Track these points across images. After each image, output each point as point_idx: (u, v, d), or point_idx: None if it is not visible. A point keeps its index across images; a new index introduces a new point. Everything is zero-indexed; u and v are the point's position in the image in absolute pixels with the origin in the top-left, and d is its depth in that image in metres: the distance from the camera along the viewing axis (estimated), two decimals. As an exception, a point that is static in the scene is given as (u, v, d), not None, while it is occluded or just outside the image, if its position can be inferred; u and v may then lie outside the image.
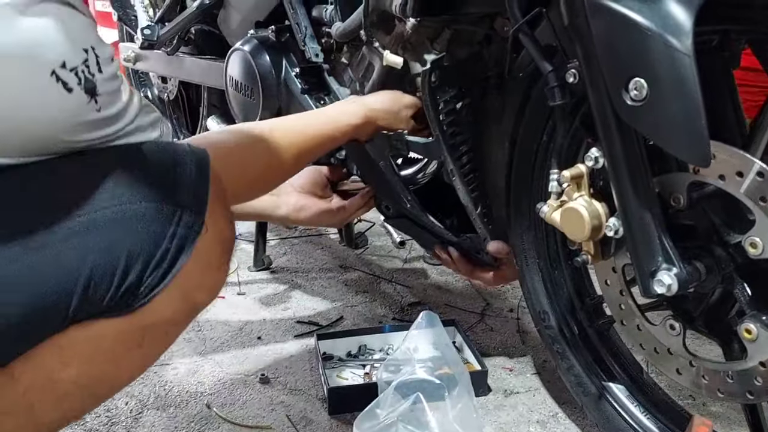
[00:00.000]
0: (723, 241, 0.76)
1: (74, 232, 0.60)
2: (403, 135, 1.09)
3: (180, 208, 0.64)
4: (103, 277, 0.60)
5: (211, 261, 0.67)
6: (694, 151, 0.65)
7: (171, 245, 0.63)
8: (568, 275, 1.05)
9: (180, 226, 0.63)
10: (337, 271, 1.79)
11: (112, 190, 0.62)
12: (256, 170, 0.87)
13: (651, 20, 0.66)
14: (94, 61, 0.62)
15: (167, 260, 0.63)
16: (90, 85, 0.61)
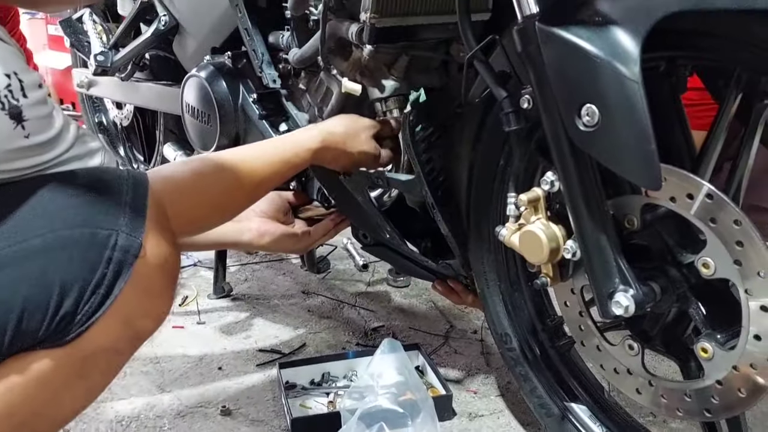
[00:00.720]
0: (677, 261, 0.78)
1: (4, 262, 0.58)
2: (383, 172, 1.10)
3: (115, 232, 0.62)
4: (37, 307, 0.58)
5: (151, 286, 0.65)
6: (646, 174, 0.67)
7: (107, 270, 0.61)
8: (528, 297, 1.05)
9: (116, 251, 0.62)
10: (299, 297, 1.78)
11: (45, 217, 0.61)
12: (212, 197, 0.86)
13: (600, 48, 0.67)
14: (17, 86, 0.60)
15: (104, 286, 0.61)
16: (15, 111, 0.60)
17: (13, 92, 0.60)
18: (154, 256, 0.65)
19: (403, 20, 1.00)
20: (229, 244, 1.22)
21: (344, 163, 1.08)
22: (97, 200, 0.63)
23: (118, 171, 0.68)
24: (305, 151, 1.00)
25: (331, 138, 1.03)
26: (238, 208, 0.94)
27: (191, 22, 1.40)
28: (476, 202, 1.04)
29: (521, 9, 0.76)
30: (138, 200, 0.66)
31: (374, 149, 1.08)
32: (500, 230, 0.89)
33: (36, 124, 0.62)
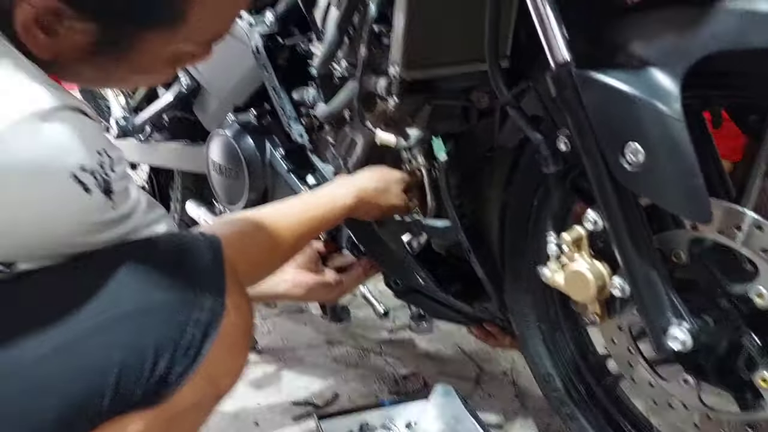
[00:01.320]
0: (727, 293, 0.79)
1: (100, 329, 0.60)
2: (419, 220, 1.11)
3: (201, 294, 0.65)
4: (133, 371, 0.60)
5: (234, 343, 0.68)
6: (695, 208, 0.68)
7: (196, 331, 0.64)
8: (569, 336, 1.06)
9: (203, 312, 0.64)
10: (324, 347, 1.77)
11: (133, 284, 0.63)
12: (259, 255, 0.88)
13: (640, 89, 0.69)
14: (107, 162, 0.63)
15: (194, 347, 0.63)
16: (106, 185, 0.62)
17: (104, 168, 0.62)
18: (237, 315, 0.67)
19: (429, 72, 1.03)
20: (264, 297, 1.23)
21: (376, 214, 1.11)
22: (182, 265, 0.66)
23: (193, 235, 0.71)
24: (340, 207, 1.04)
25: (365, 193, 1.06)
26: (278, 265, 0.96)
27: (214, 83, 1.43)
28: (511, 243, 1.05)
29: (554, 56, 0.78)
30: (217, 262, 0.68)
31: (404, 200, 1.10)
32: (542, 270, 0.90)
33: (121, 197, 0.65)
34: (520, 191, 1.01)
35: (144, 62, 0.70)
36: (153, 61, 0.71)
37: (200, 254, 0.68)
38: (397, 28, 0.97)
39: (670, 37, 0.69)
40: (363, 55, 0.94)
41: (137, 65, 0.70)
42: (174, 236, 0.70)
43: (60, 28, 0.63)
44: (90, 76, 0.72)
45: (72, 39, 0.64)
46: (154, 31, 0.67)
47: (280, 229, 0.93)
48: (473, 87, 1.12)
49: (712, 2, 0.66)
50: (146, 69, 0.72)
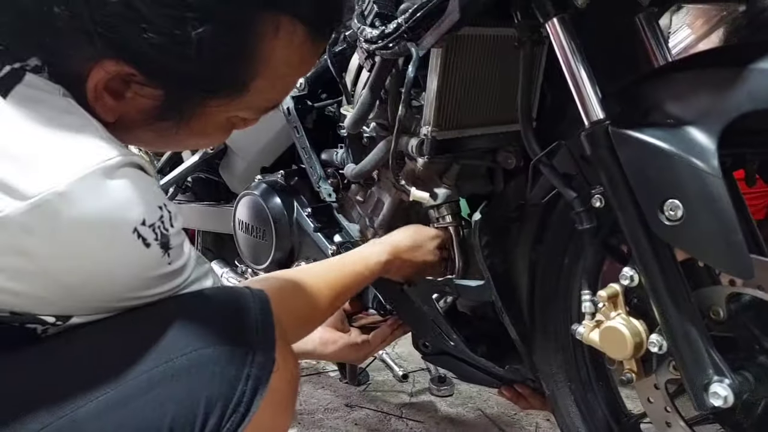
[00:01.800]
0: (766, 349, 0.78)
1: (153, 383, 0.60)
2: (451, 280, 1.12)
3: (252, 349, 0.65)
4: (184, 426, 0.60)
5: (282, 400, 0.67)
6: (736, 264, 0.69)
7: (246, 387, 0.63)
8: (601, 397, 1.04)
9: (254, 367, 0.64)
10: (343, 410, 1.75)
11: (184, 338, 0.63)
12: (301, 312, 0.89)
13: (678, 147, 0.71)
14: (167, 217, 0.64)
15: (244, 403, 0.63)
16: (165, 240, 0.63)
17: (164, 223, 0.64)
18: (286, 371, 0.67)
19: (460, 132, 1.06)
20: None
21: (408, 273, 1.12)
22: (231, 318, 0.67)
23: (241, 290, 0.72)
24: (375, 264, 1.05)
25: (399, 250, 1.08)
26: (319, 322, 0.97)
27: (242, 145, 1.47)
28: (541, 302, 1.05)
29: (588, 116, 0.81)
30: (266, 317, 0.68)
31: (438, 257, 1.11)
32: (577, 328, 0.90)
33: (176, 251, 0.66)
34: (550, 249, 1.02)
35: (201, 127, 0.72)
36: (210, 126, 0.73)
37: (249, 308, 0.68)
38: (430, 91, 1.00)
39: (705, 96, 0.71)
40: (400, 114, 0.97)
41: (195, 130, 0.72)
42: (223, 290, 0.71)
43: (128, 93, 0.66)
44: (148, 139, 0.74)
45: (138, 103, 0.67)
46: (217, 99, 0.69)
47: (318, 288, 0.94)
48: (500, 148, 1.15)
49: (746, 63, 0.68)
50: (202, 133, 0.74)
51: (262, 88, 0.70)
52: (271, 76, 0.70)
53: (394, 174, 1.02)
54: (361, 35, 0.99)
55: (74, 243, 0.58)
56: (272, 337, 0.67)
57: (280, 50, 0.69)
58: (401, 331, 1.27)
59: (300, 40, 0.70)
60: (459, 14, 0.84)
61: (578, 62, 0.82)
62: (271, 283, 0.88)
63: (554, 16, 0.82)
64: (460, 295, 1.12)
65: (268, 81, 0.70)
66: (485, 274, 1.05)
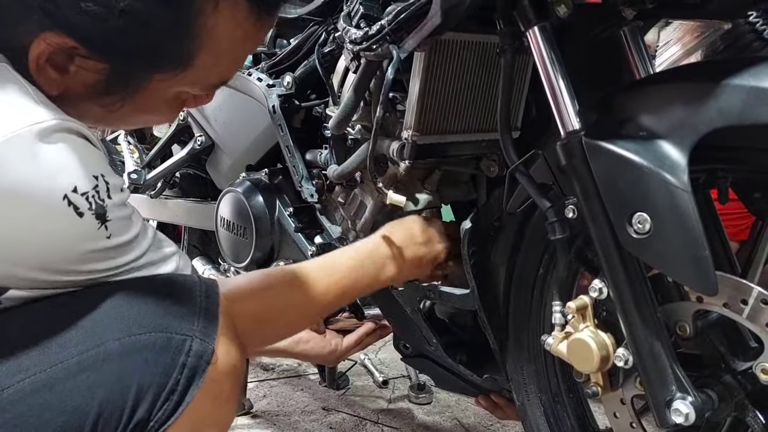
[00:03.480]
0: (731, 368, 0.78)
1: (83, 367, 0.59)
2: (436, 286, 1.11)
3: (189, 338, 0.63)
4: (113, 413, 0.58)
5: (221, 392, 0.65)
6: (702, 280, 0.69)
7: (181, 376, 0.61)
8: (570, 409, 1.04)
9: (190, 356, 0.62)
10: (319, 414, 1.74)
11: (120, 322, 0.62)
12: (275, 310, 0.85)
13: (649, 160, 0.71)
14: (104, 188, 0.63)
15: (177, 392, 0.61)
16: (101, 211, 0.62)
17: (100, 193, 0.62)
18: (225, 363, 0.65)
19: (441, 138, 1.06)
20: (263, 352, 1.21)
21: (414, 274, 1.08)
22: (171, 305, 0.65)
23: (190, 277, 0.70)
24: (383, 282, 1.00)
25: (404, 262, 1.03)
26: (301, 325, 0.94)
27: (228, 142, 1.46)
28: (515, 311, 1.05)
29: (564, 126, 0.81)
30: (211, 306, 0.67)
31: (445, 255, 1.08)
32: (546, 339, 0.89)
33: (118, 226, 0.64)
34: (525, 258, 1.01)
35: (148, 103, 0.72)
36: (157, 102, 0.73)
37: (193, 297, 0.66)
38: (412, 95, 1.00)
39: (678, 110, 0.71)
40: (378, 116, 0.96)
41: (141, 105, 0.72)
42: (170, 277, 0.69)
43: (71, 66, 0.66)
44: (96, 115, 0.73)
45: (83, 77, 0.67)
46: (162, 73, 0.70)
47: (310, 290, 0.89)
48: (483, 155, 1.14)
49: (719, 79, 0.68)
50: (149, 109, 0.74)
51: (207, 63, 0.71)
52: (215, 50, 0.71)
53: (372, 176, 1.02)
54: (346, 36, 0.98)
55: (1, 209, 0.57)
56: (214, 327, 0.65)
57: (223, 25, 0.70)
58: (376, 336, 1.27)
59: (243, 15, 0.71)
60: (441, 18, 0.83)
61: (557, 72, 0.82)
62: (240, 280, 0.87)
63: (535, 25, 0.82)
64: (443, 301, 1.11)
65: (212, 56, 0.71)
66: (471, 283, 1.04)
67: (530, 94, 1.10)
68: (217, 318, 0.66)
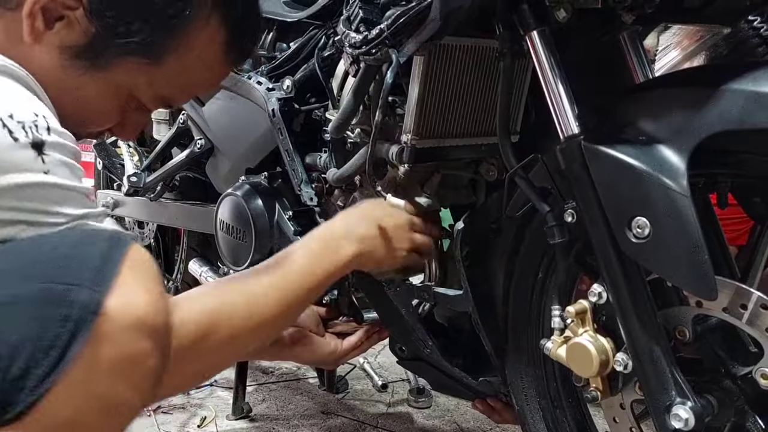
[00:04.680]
0: (731, 373, 0.78)
1: None
2: (430, 287, 1.11)
3: (76, 287, 0.55)
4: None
5: (121, 346, 0.57)
6: (701, 285, 0.69)
7: (62, 330, 0.54)
8: (569, 414, 1.04)
9: (74, 308, 0.54)
10: (319, 418, 1.73)
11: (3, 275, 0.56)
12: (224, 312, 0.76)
13: (648, 164, 0.71)
14: (44, 124, 0.62)
15: (57, 347, 0.54)
16: (38, 141, 0.60)
17: (38, 127, 0.61)
18: (124, 315, 0.56)
19: (440, 142, 1.06)
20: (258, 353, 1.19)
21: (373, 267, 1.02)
22: (65, 257, 0.57)
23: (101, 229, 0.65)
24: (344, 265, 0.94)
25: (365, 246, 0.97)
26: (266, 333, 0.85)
27: (227, 145, 1.46)
28: (514, 315, 1.05)
29: (564, 130, 0.81)
30: (113, 254, 0.58)
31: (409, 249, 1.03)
32: (545, 343, 0.89)
33: (56, 163, 0.62)
34: (525, 262, 1.01)
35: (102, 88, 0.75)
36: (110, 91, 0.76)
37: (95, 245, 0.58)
38: (411, 99, 1.00)
39: (677, 115, 0.71)
40: (378, 120, 0.96)
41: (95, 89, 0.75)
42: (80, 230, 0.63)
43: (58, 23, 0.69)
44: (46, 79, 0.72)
45: (62, 35, 0.70)
46: (132, 58, 0.74)
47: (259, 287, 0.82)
48: (482, 159, 1.14)
49: (719, 84, 0.68)
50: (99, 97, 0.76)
51: (172, 69, 0.76)
52: (184, 60, 0.76)
53: (371, 180, 1.02)
54: (346, 40, 0.99)
55: None
56: (110, 274, 0.56)
57: (202, 40, 0.76)
58: (375, 339, 1.26)
59: (220, 41, 0.78)
60: (440, 22, 0.84)
61: (556, 76, 0.82)
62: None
63: (534, 29, 0.82)
64: (438, 303, 1.11)
65: (179, 63, 0.76)
66: (464, 284, 1.04)
67: (530, 99, 1.10)
68: (117, 265, 0.57)
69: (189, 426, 1.65)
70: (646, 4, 0.79)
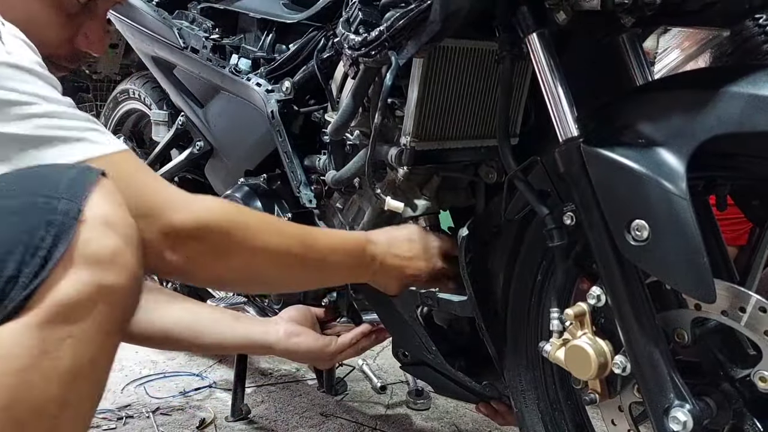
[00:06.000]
0: (729, 376, 0.78)
1: None
2: (434, 292, 1.11)
3: (56, 199, 0.63)
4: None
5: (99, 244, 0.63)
6: (700, 287, 0.69)
7: (47, 234, 0.61)
8: (568, 416, 1.04)
9: (56, 215, 0.62)
10: (318, 419, 1.73)
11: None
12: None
13: (647, 167, 0.71)
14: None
15: (44, 248, 0.61)
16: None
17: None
18: (99, 219, 0.64)
19: (440, 144, 1.06)
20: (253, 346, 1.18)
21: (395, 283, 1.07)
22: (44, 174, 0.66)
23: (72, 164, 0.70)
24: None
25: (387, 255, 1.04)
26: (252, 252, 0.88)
27: (227, 147, 1.46)
28: (513, 318, 1.04)
29: (563, 132, 0.81)
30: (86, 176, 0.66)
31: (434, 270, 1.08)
32: (544, 346, 0.89)
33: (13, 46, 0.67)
34: (524, 265, 1.01)
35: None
36: None
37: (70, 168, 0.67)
38: (411, 101, 1.00)
39: (676, 118, 0.71)
40: (377, 122, 0.96)
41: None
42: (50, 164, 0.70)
43: None
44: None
45: None
46: None
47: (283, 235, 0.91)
48: (481, 162, 1.14)
49: (718, 87, 0.68)
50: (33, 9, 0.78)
51: None
52: None
53: (370, 182, 1.02)
54: (345, 42, 0.99)
55: None
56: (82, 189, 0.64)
57: None
58: (373, 340, 1.25)
59: None
60: (440, 25, 0.84)
61: (556, 79, 0.82)
62: None
63: (534, 31, 0.83)
64: (441, 308, 1.11)
65: None
66: (468, 290, 1.04)
67: (529, 101, 1.10)
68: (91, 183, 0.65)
69: (188, 427, 1.64)
70: (646, 7, 0.79)
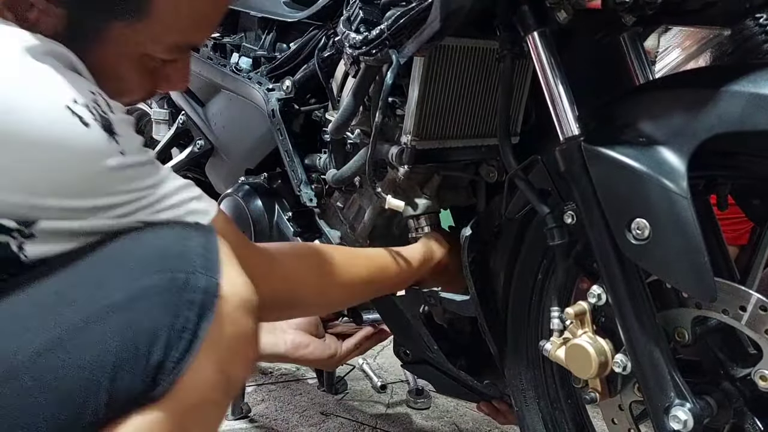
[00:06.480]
0: (730, 375, 0.78)
1: (91, 322, 0.58)
2: (437, 292, 1.11)
3: (192, 274, 0.61)
4: (128, 360, 0.57)
5: (236, 325, 0.63)
6: (701, 286, 0.68)
7: (190, 313, 0.60)
8: (568, 415, 1.04)
9: (197, 292, 0.60)
10: (318, 418, 1.73)
11: (121, 271, 0.61)
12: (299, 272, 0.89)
13: (648, 166, 0.71)
14: (104, 102, 0.62)
15: (189, 330, 0.60)
16: (106, 123, 0.60)
17: (101, 106, 0.61)
18: (235, 295, 0.63)
19: (440, 143, 1.06)
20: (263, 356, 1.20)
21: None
22: (168, 246, 0.63)
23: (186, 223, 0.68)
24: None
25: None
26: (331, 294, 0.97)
27: (227, 146, 1.46)
28: (514, 317, 1.04)
29: (563, 131, 0.81)
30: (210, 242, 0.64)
31: None
32: (545, 345, 0.89)
33: (128, 141, 0.62)
34: (524, 264, 1.01)
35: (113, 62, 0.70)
36: (122, 62, 0.71)
37: (191, 237, 0.64)
38: (411, 100, 1.00)
39: (677, 116, 0.71)
40: (378, 121, 0.96)
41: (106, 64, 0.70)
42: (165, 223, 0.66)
43: (30, 14, 0.66)
44: None
45: (43, 26, 0.66)
46: (118, 21, 0.68)
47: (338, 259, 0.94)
48: (482, 160, 1.14)
49: (719, 85, 0.68)
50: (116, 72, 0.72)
51: (165, 14, 0.69)
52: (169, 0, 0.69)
53: (370, 181, 1.02)
54: (346, 40, 0.98)
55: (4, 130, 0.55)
56: (215, 262, 0.63)
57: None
58: (375, 340, 1.26)
59: None
60: (440, 24, 0.83)
61: (556, 77, 0.82)
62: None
63: (535, 30, 0.82)
64: (444, 307, 1.11)
65: (170, 6, 0.69)
66: (471, 290, 1.04)
67: (530, 100, 1.10)
68: (217, 251, 0.64)
69: (188, 426, 1.65)
70: (647, 6, 0.79)
